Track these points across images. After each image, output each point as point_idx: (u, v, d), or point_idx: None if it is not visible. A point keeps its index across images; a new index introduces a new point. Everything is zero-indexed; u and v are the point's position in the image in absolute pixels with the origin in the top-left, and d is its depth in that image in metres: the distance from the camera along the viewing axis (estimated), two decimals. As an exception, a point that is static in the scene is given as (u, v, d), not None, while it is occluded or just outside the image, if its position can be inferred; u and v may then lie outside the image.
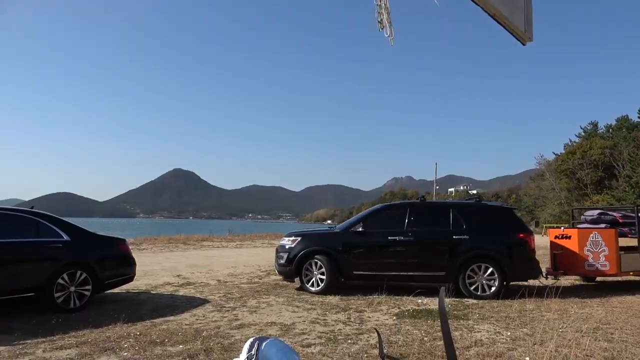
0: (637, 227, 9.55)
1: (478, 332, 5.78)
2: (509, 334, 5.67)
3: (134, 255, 7.93)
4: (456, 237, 8.44)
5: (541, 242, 31.19)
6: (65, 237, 6.69)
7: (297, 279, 8.86)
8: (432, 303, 7.64)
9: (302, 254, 8.64)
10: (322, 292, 8.43)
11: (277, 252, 9.14)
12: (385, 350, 4.81)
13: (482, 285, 8.28)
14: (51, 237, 6.58)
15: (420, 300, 7.85)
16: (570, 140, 60.40)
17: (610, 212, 10.12)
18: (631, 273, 9.24)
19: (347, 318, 6.48)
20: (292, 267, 8.67)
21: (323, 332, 5.67)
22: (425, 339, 5.38)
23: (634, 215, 9.98)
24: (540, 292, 8.18)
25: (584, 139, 57.13)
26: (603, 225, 9.67)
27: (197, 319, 6.29)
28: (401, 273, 8.47)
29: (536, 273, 8.67)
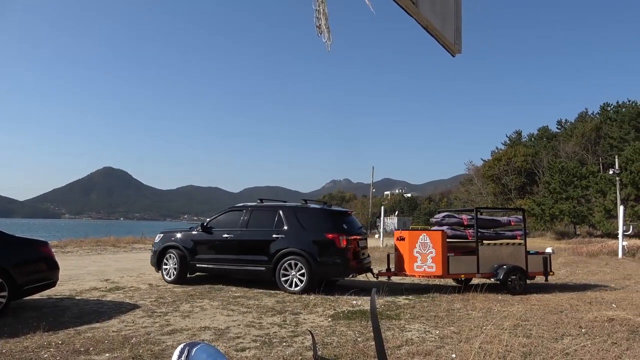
0: (475, 230, 9.41)
1: (409, 331, 5.97)
2: (437, 332, 5.91)
3: (57, 258, 7.44)
4: (275, 235, 9.21)
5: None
6: (-22, 240, 6.17)
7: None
8: (366, 304, 7.80)
9: (161, 248, 10.06)
10: (174, 282, 9.68)
11: (152, 246, 10.62)
12: (319, 352, 4.86)
13: (295, 280, 8.89)
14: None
15: (354, 302, 8.00)
16: (497, 148, 64.20)
17: (456, 215, 10.06)
18: (462, 276, 9.38)
19: (283, 321, 6.47)
20: (155, 259, 10.15)
21: (258, 336, 5.63)
22: (358, 339, 5.48)
23: (497, 218, 10.47)
24: (467, 292, 8.60)
25: (509, 147, 60.86)
26: (439, 228, 9.67)
27: (126, 325, 6.02)
28: (232, 267, 9.53)
29: (345, 271, 9.03)
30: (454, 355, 4.85)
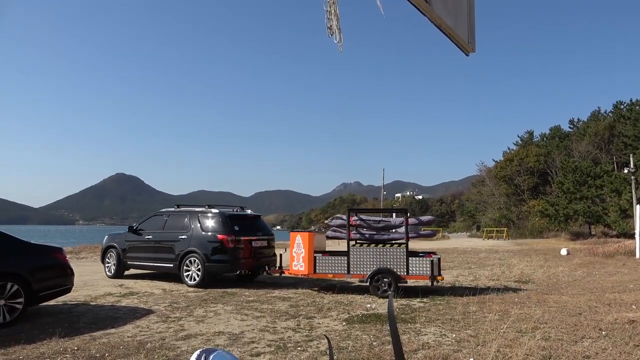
0: (347, 232, 9.43)
1: (425, 335, 5.90)
2: (454, 335, 5.83)
3: (72, 264, 7.49)
4: (181, 237, 10.47)
5: (483, 245, 32.16)
6: (-6, 247, 6.23)
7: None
8: (380, 308, 7.73)
9: (105, 247, 11.81)
10: (113, 277, 11.26)
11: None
12: (335, 357, 4.82)
13: (193, 275, 10.09)
14: (-22, 247, 6.10)
15: (369, 305, 7.94)
16: (509, 148, 63.58)
17: (343, 217, 9.86)
18: (330, 275, 9.38)
19: (297, 325, 6.43)
20: (100, 257, 12.06)
21: (272, 340, 5.59)
22: (374, 343, 5.43)
23: (387, 220, 10.09)
24: (482, 294, 8.49)
25: (521, 147, 60.22)
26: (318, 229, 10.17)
27: (141, 331, 6.03)
28: (151, 264, 10.92)
29: (233, 268, 10.28)
30: (472, 359, 4.77)
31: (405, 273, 8.88)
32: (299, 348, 5.26)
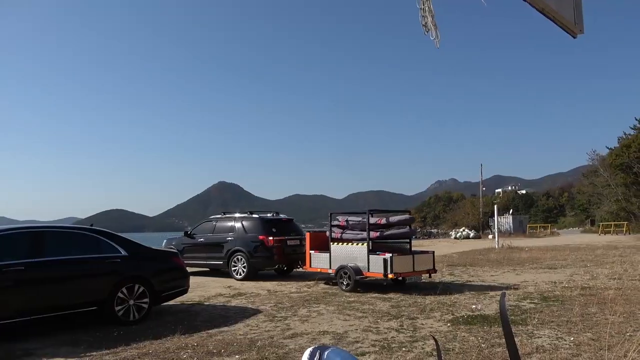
0: (329, 231, 10.52)
1: (539, 337, 5.56)
2: (571, 339, 5.42)
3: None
4: (228, 238, 12.12)
5: (599, 240, 29.44)
6: (123, 252, 6.97)
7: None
8: (486, 308, 7.42)
9: None
10: None
11: None
12: (443, 358, 4.72)
13: (240, 270, 11.71)
14: (110, 253, 6.88)
15: (474, 306, 7.64)
16: (625, 133, 57.27)
17: (339, 218, 10.74)
18: (318, 269, 10.62)
19: (400, 325, 6.39)
20: None
21: (376, 340, 5.62)
22: (482, 345, 5.23)
23: (364, 220, 10.13)
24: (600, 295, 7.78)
25: (639, 131, 54.13)
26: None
27: (251, 329, 6.38)
28: (205, 262, 12.56)
29: (272, 263, 12.14)
30: (594, 365, 4.40)
31: (367, 270, 9.51)
32: (403, 348, 5.23)
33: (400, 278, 9.89)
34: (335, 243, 10.33)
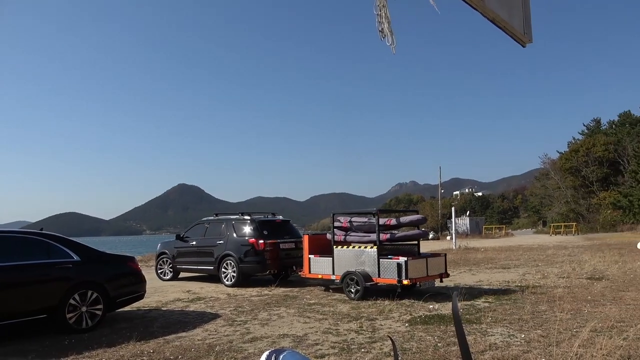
0: (332, 233, 9.63)
1: (492, 335, 5.74)
2: (523, 336, 5.63)
3: (143, 272, 7.94)
4: (218, 242, 11.49)
5: (550, 241, 30.72)
6: (75, 257, 6.71)
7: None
8: (443, 308, 7.60)
9: (158, 253, 13.07)
10: (167, 280, 12.45)
11: None
12: (400, 358, 4.80)
13: (230, 276, 11.06)
14: (61, 258, 6.60)
15: (431, 306, 7.82)
16: (574, 138, 60.23)
17: (341, 219, 9.83)
18: (320, 276, 9.63)
19: (359, 327, 6.45)
20: (155, 262, 13.18)
21: (336, 342, 5.65)
22: (439, 344, 5.35)
23: (371, 221, 9.32)
24: (550, 293, 8.12)
25: (587, 136, 56.95)
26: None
27: (209, 334, 6.29)
28: (197, 267, 12.04)
29: (263, 269, 11.07)
30: (543, 360, 4.59)
31: (377, 275, 8.64)
32: (362, 350, 5.29)
33: (418, 284, 8.87)
34: (339, 246, 9.40)
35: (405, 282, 8.29)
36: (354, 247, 9.20)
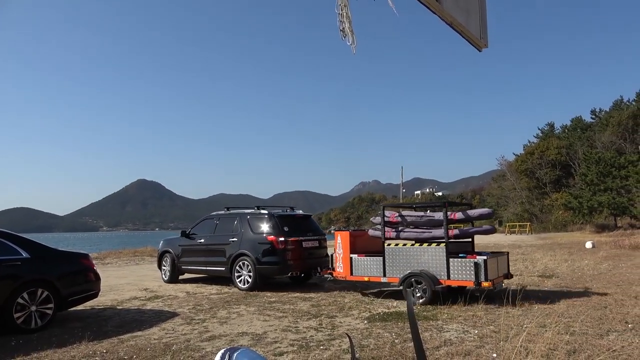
0: (382, 229, 8.44)
1: (447, 331, 5.89)
2: (476, 332, 5.81)
3: (98, 270, 7.68)
4: (231, 240, 10.30)
5: (505, 240, 31.73)
6: (24, 254, 6.43)
7: None
8: (402, 305, 7.73)
9: (160, 252, 11.91)
10: (168, 282, 11.30)
11: None
12: (357, 355, 4.86)
13: (245, 279, 9.84)
14: (8, 255, 6.30)
15: (390, 303, 7.94)
16: (529, 141, 62.57)
17: (387, 214, 8.76)
18: (366, 278, 8.52)
19: (319, 324, 6.48)
20: (157, 262, 12.07)
21: (295, 340, 5.66)
22: (396, 341, 5.44)
23: (430, 215, 8.59)
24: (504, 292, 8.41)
25: (541, 140, 59.25)
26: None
27: (166, 333, 6.16)
28: (204, 268, 10.83)
29: (284, 270, 9.80)
30: (495, 355, 4.75)
31: (445, 277, 7.68)
32: (321, 347, 5.31)
33: (494, 287, 7.73)
34: (393, 244, 8.35)
35: (485, 283, 7.40)
36: (412, 244, 8.17)
